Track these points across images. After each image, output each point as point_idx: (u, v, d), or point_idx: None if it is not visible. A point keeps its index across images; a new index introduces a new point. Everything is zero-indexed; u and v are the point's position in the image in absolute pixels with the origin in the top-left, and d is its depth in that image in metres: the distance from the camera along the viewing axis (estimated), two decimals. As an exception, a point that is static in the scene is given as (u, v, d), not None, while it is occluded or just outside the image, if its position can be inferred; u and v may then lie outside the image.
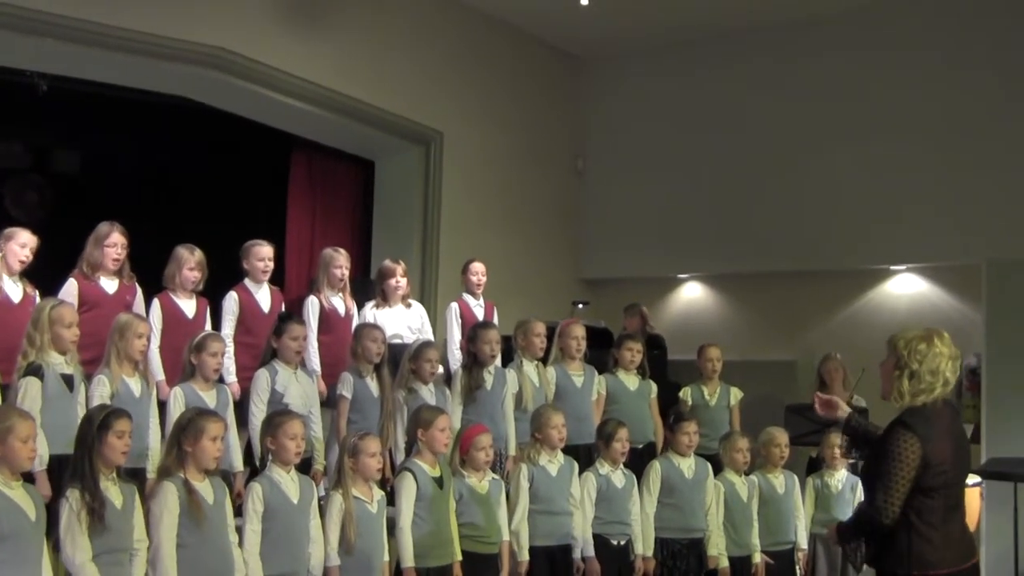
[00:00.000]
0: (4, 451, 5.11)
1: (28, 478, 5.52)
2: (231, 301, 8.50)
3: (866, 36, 11.77)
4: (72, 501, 5.34)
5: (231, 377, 8.18)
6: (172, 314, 8.12)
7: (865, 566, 5.51)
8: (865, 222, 11.57)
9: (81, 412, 6.64)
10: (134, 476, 6.14)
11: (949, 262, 11.34)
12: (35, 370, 6.62)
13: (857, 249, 11.69)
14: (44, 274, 7.97)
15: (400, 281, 9.29)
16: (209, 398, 7.15)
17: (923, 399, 5.20)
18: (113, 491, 5.51)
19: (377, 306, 9.23)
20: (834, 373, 10.29)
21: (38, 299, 7.47)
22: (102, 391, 6.81)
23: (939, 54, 11.28)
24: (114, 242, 7.99)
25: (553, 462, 7.59)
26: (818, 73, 12.00)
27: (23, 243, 7.73)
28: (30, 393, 6.54)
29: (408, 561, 6.66)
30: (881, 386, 5.41)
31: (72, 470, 5.53)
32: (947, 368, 5.24)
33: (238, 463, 7.38)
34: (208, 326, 8.19)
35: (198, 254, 8.29)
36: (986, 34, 11.07)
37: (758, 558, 8.19)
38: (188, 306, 8.23)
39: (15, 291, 7.63)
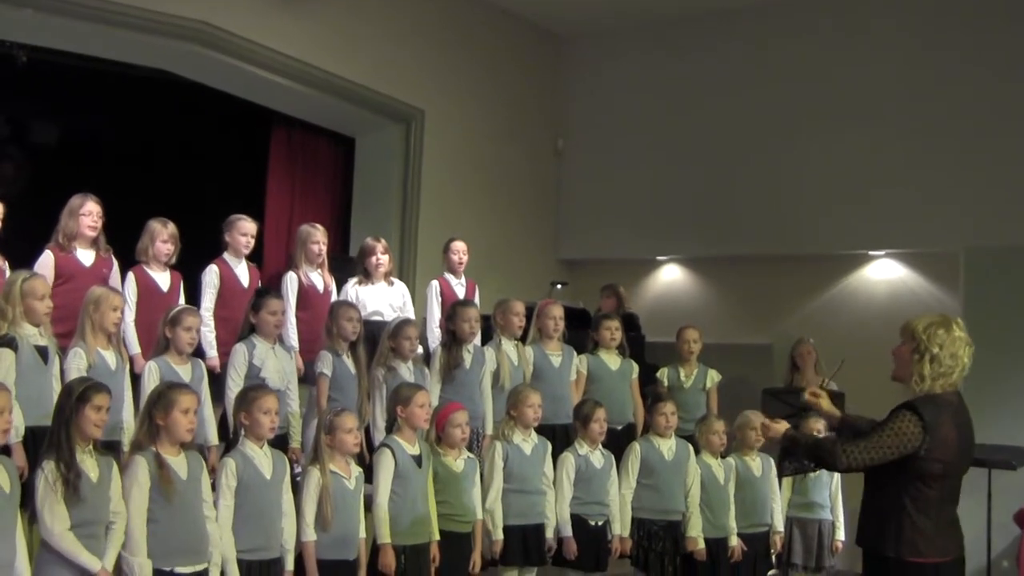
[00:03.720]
0: (-21, 423, 5.05)
1: (3, 450, 5.46)
2: (212, 274, 8.46)
3: (848, 20, 11.74)
4: (48, 472, 5.28)
5: (212, 351, 8.18)
6: (147, 287, 8.06)
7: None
8: (844, 207, 11.55)
9: (56, 384, 6.65)
10: (109, 449, 6.04)
11: (928, 249, 11.35)
12: (8, 342, 6.53)
13: (836, 234, 11.68)
14: (21, 247, 7.87)
15: (381, 259, 9.25)
16: (184, 372, 7.08)
17: (942, 383, 5.24)
18: (89, 463, 5.44)
19: (359, 283, 9.19)
20: (807, 357, 10.32)
21: (7, 270, 7.36)
22: (79, 363, 6.76)
23: (919, 40, 11.25)
24: (89, 210, 7.90)
25: (527, 441, 7.57)
26: (799, 57, 11.97)
27: None
28: (3, 365, 6.45)
29: (385, 538, 6.64)
30: (895, 371, 5.45)
31: (48, 441, 5.46)
32: (964, 354, 5.30)
33: (212, 437, 7.32)
34: (182, 299, 8.13)
35: (171, 227, 8.23)
36: (966, 20, 11.03)
37: (735, 540, 8.16)
38: (162, 279, 8.17)
39: (-15, 261, 7.54)
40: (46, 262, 7.69)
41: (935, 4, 11.17)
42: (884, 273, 11.77)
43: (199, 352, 7.61)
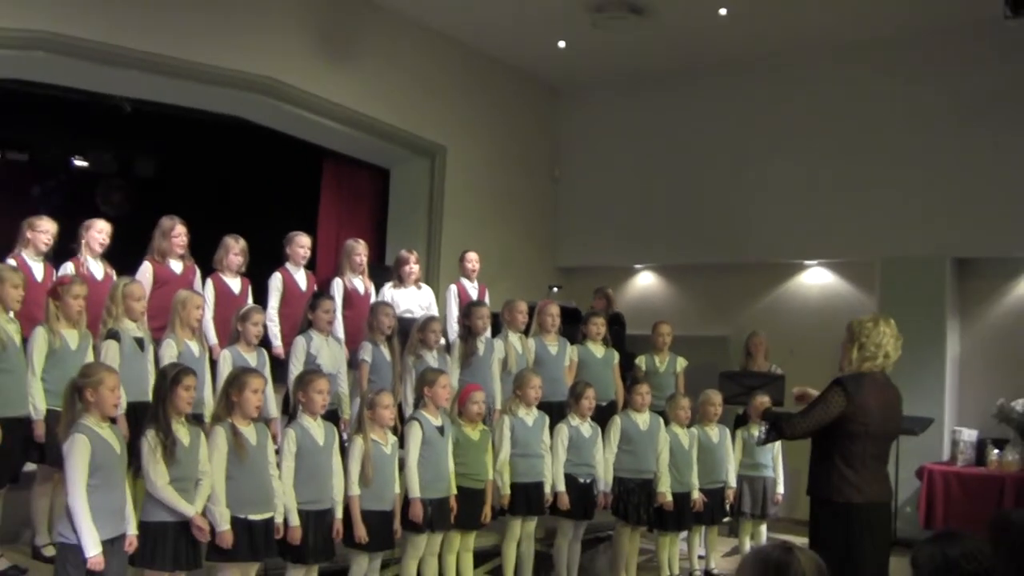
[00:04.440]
0: (96, 398, 5.14)
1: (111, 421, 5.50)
2: (276, 280, 8.55)
3: (784, 76, 11.69)
4: (150, 439, 5.41)
5: (277, 342, 8.25)
6: (222, 291, 8.17)
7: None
8: (784, 224, 11.52)
9: (150, 368, 6.79)
10: (194, 421, 6.11)
11: (850, 259, 11.31)
12: (113, 334, 6.65)
13: (777, 246, 11.64)
14: (127, 258, 8.00)
15: (413, 267, 9.29)
16: (251, 359, 7.16)
17: (868, 365, 5.44)
18: (182, 432, 5.54)
19: (394, 286, 9.23)
20: (759, 346, 10.38)
21: (115, 277, 7.45)
22: (170, 352, 6.90)
23: (842, 90, 11.18)
24: (178, 232, 8.03)
25: (529, 415, 7.61)
26: (745, 104, 11.92)
27: (100, 229, 7.76)
28: (110, 353, 6.57)
29: (415, 492, 6.73)
30: (840, 361, 5.63)
31: (150, 414, 5.60)
32: (889, 344, 5.48)
33: (274, 411, 7.40)
34: (250, 300, 8.18)
35: (242, 242, 8.33)
36: (881, 74, 10.99)
37: (696, 495, 8.22)
38: (235, 284, 8.25)
39: (98, 270, 7.64)
40: (145, 271, 7.83)
41: (857, 62, 11.14)
42: (816, 279, 11.72)
43: (264, 343, 7.69)
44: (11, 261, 7.10)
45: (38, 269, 7.30)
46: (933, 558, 3.57)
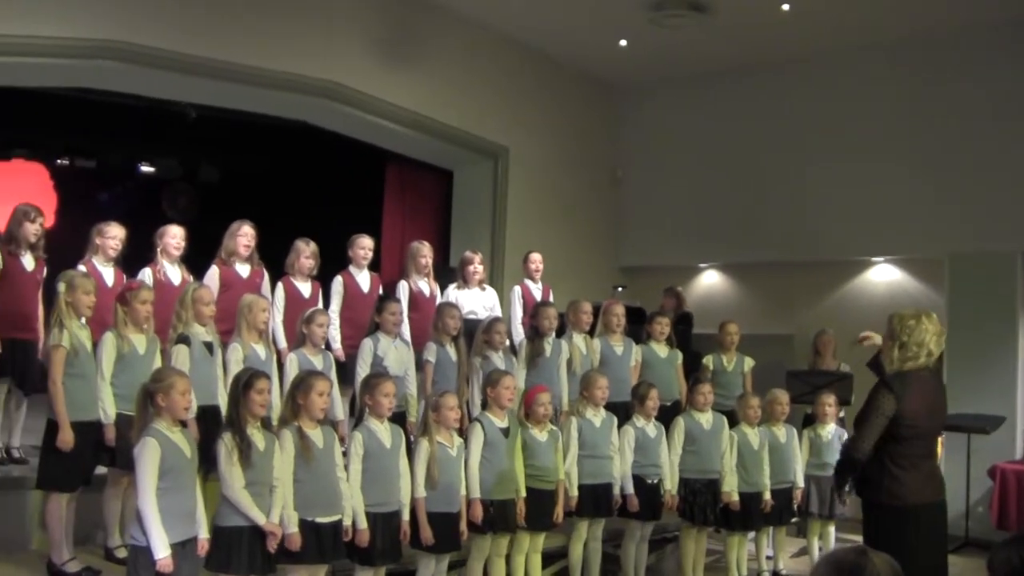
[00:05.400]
0: (168, 403, 5.17)
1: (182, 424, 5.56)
2: (337, 284, 8.58)
3: (847, 72, 11.56)
4: (226, 442, 5.44)
5: (336, 344, 8.26)
6: (292, 295, 8.21)
7: (848, 500, 5.66)
8: (851, 221, 11.38)
9: (219, 372, 6.88)
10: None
11: (918, 255, 11.17)
12: (183, 339, 6.72)
13: (843, 243, 11.51)
14: (193, 262, 8.10)
15: (477, 268, 9.27)
16: (317, 361, 7.21)
17: (910, 365, 5.32)
18: (257, 436, 5.55)
19: (458, 287, 9.23)
20: (827, 344, 10.26)
21: (191, 279, 7.57)
22: (236, 356, 6.96)
23: (905, 90, 11.07)
24: (244, 233, 8.10)
25: (597, 416, 7.56)
26: (812, 101, 11.83)
27: (174, 235, 7.90)
28: (180, 357, 6.63)
29: (475, 493, 6.72)
30: (882, 352, 5.60)
31: (226, 419, 5.67)
32: (931, 341, 5.36)
33: (340, 414, 7.43)
34: (320, 304, 8.23)
35: (312, 246, 8.37)
36: (942, 71, 10.86)
37: (768, 495, 8.14)
38: (305, 288, 8.30)
39: (175, 275, 7.78)
40: (212, 275, 7.91)
41: (923, 57, 11.00)
42: (883, 275, 11.59)
43: (327, 345, 7.74)
44: (82, 267, 7.23)
45: (108, 275, 7.42)
46: (1009, 561, 3.50)
